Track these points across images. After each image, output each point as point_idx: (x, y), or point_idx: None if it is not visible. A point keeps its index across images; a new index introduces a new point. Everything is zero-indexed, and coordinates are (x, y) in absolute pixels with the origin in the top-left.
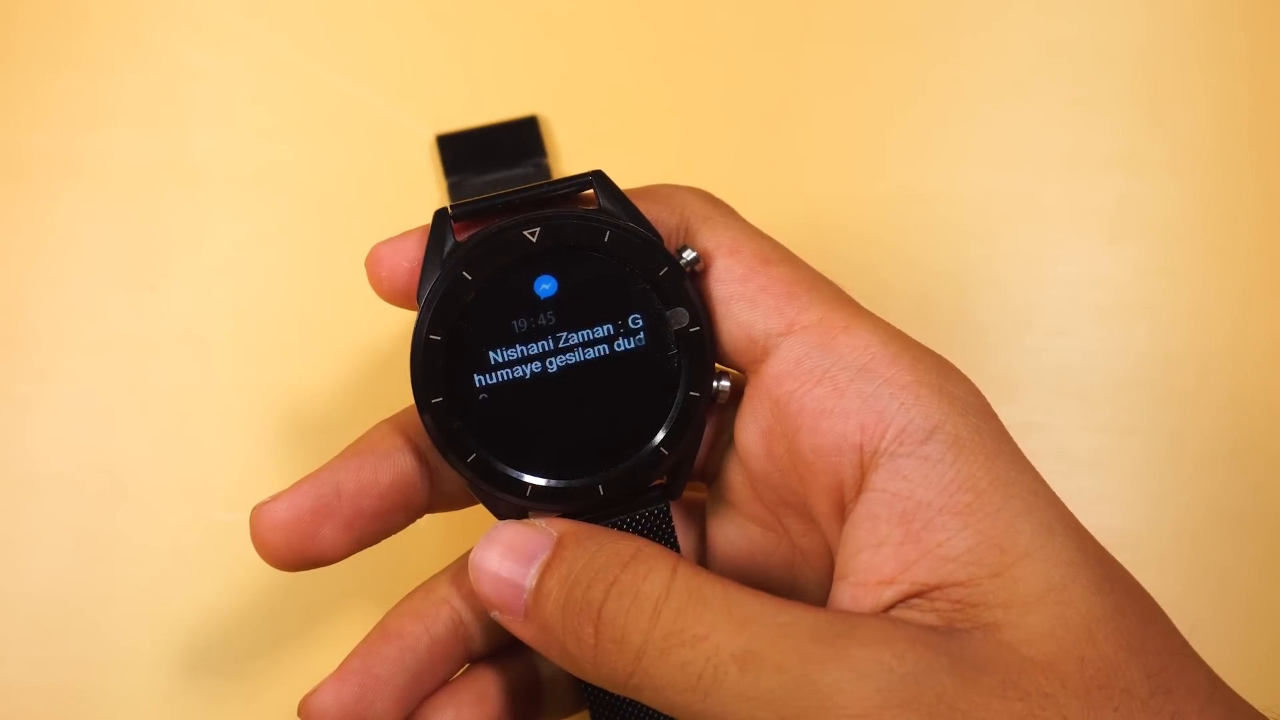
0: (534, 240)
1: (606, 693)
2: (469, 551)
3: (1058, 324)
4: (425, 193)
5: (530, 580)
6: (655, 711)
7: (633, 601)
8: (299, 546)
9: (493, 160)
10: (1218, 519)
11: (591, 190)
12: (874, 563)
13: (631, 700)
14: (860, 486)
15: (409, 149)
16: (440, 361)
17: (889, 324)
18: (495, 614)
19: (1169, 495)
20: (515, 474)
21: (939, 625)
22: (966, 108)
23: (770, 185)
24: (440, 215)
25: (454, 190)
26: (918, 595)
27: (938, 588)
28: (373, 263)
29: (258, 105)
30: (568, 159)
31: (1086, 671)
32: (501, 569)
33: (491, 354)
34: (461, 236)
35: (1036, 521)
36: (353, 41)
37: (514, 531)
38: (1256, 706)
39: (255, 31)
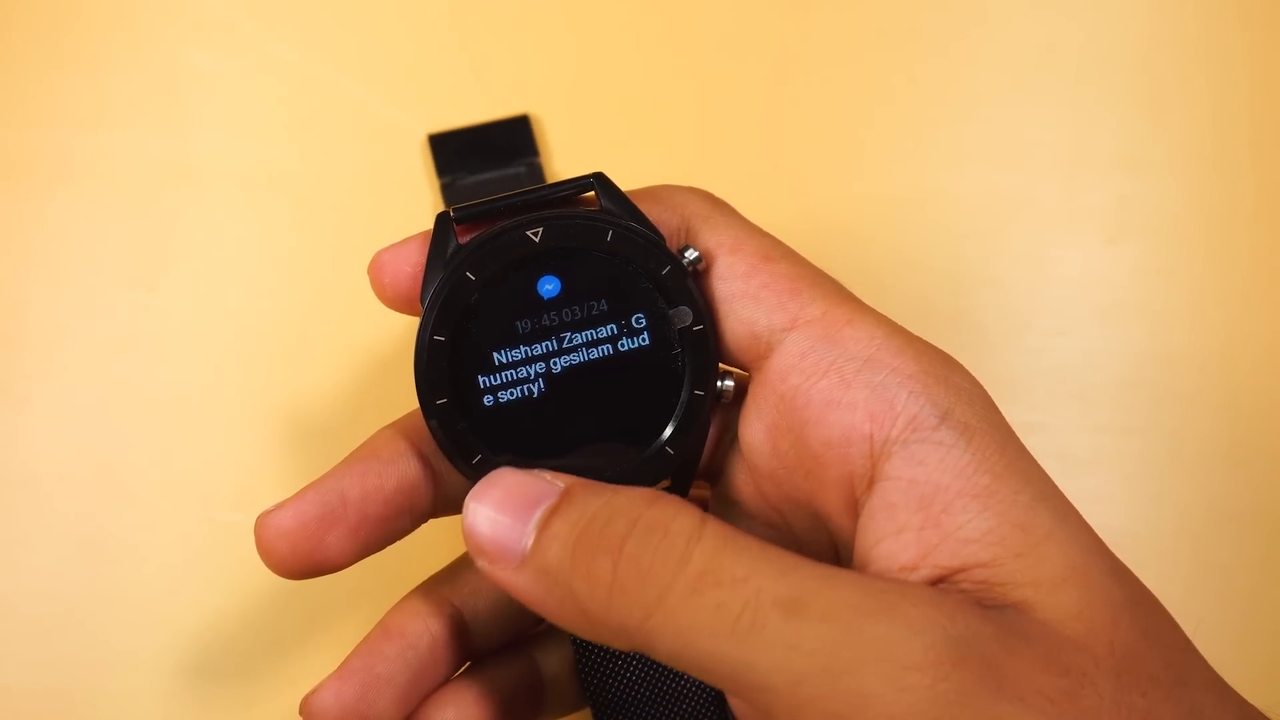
0: (537, 240)
1: (609, 689)
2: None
3: (1058, 324)
4: (426, 192)
5: (532, 524)
6: (660, 704)
7: (663, 536)
8: (305, 554)
9: (485, 160)
10: (1217, 519)
11: (593, 192)
12: (894, 550)
13: (635, 696)
14: (872, 477)
15: (409, 149)
16: (444, 363)
17: (891, 319)
18: (483, 563)
19: (1168, 495)
20: None
21: None
22: (966, 107)
23: (769, 186)
24: (443, 218)
25: (446, 191)
26: (940, 580)
27: (960, 570)
28: (375, 269)
29: (258, 105)
30: (567, 159)
31: (1115, 655)
32: (501, 511)
33: (495, 355)
34: (464, 239)
35: (1053, 507)
36: (352, 41)
37: (516, 478)
38: (1257, 706)
39: (255, 31)
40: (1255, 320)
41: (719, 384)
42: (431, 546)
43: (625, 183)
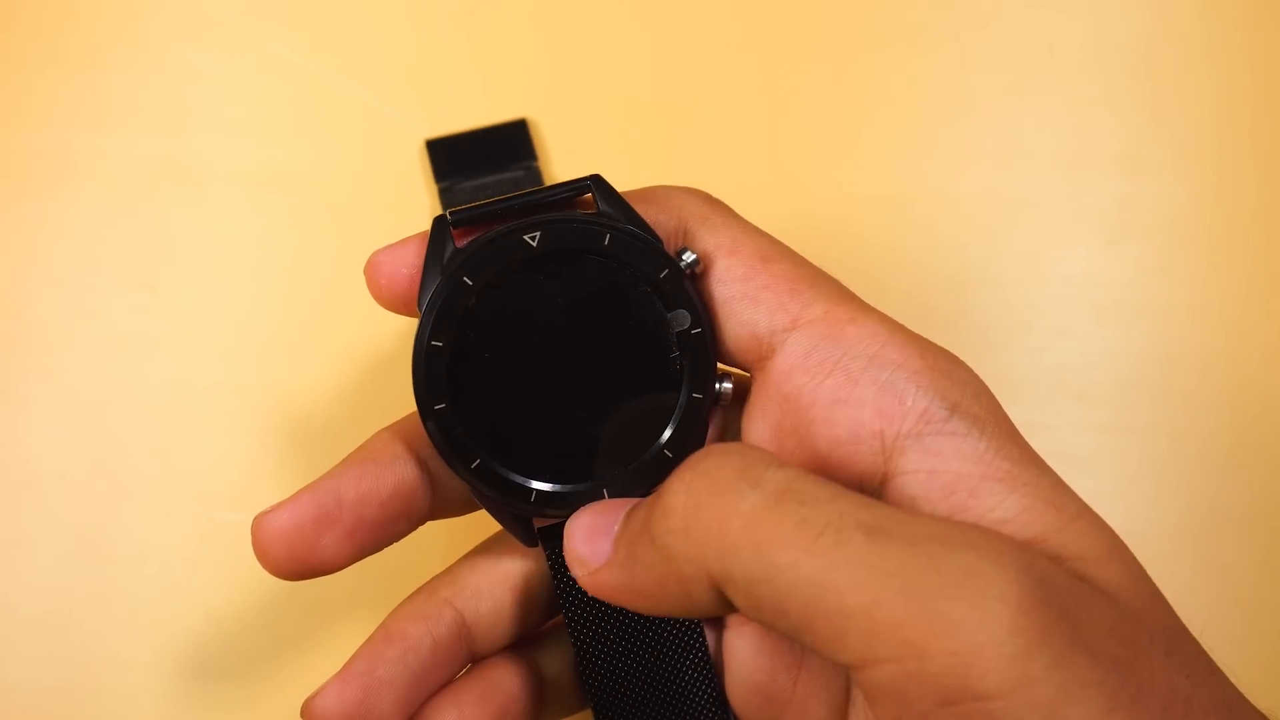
0: (534, 244)
1: (610, 690)
2: (469, 553)
3: (1058, 324)
4: (425, 193)
5: (619, 521)
6: (661, 705)
7: (740, 454)
8: (301, 556)
9: (482, 164)
10: (1217, 519)
11: (590, 194)
12: None
13: (636, 697)
14: (885, 474)
15: (409, 149)
16: (442, 368)
17: (892, 318)
18: (580, 571)
19: (1169, 495)
20: (519, 480)
21: None
22: (966, 106)
23: (769, 186)
24: (440, 222)
25: (444, 195)
26: None
27: None
28: (372, 270)
29: (257, 105)
30: (565, 161)
31: (1164, 634)
32: (596, 518)
33: (494, 359)
34: (461, 242)
35: (1073, 493)
36: (352, 42)
37: (593, 511)
38: (1259, 709)
39: (255, 31)
40: (1257, 320)
41: (718, 386)
42: (432, 548)
43: (624, 186)
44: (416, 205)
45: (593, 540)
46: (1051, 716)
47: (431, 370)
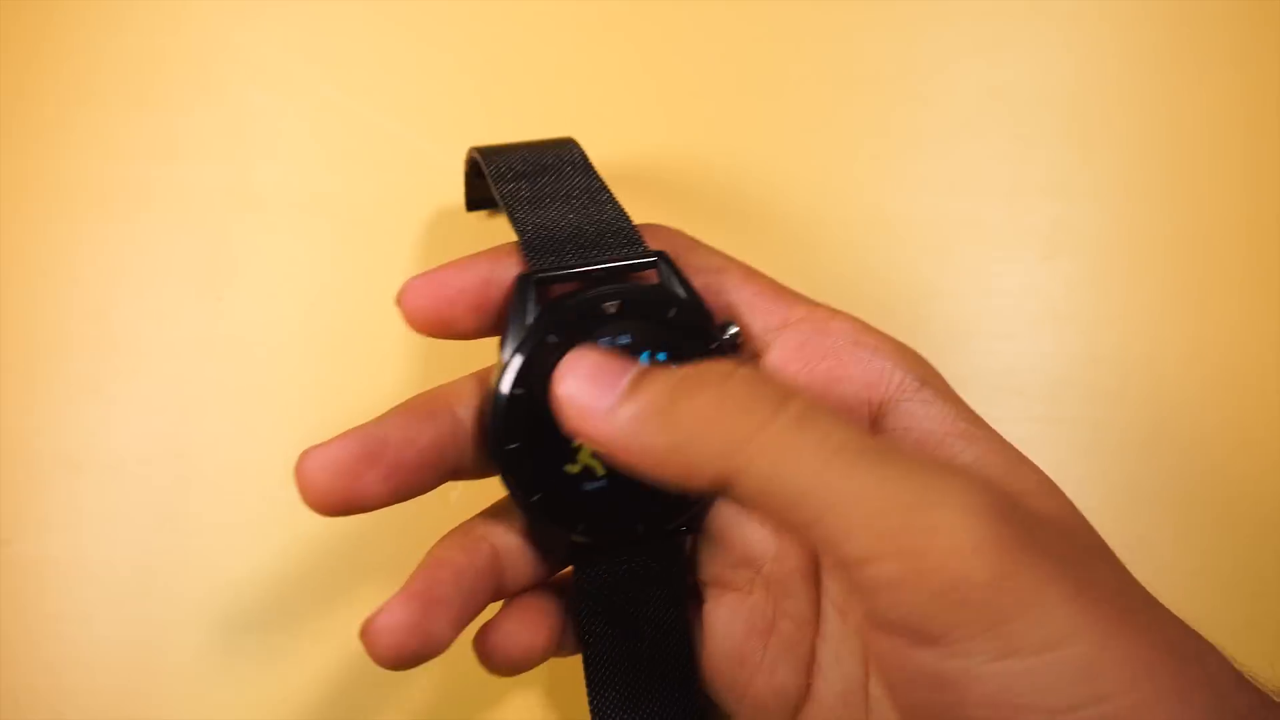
0: (613, 312)
1: (607, 662)
2: (501, 500)
3: (1001, 330)
4: (454, 216)
5: (627, 378)
6: (652, 690)
7: (766, 380)
8: (343, 489)
9: (539, 171)
10: (1135, 498)
11: (653, 270)
12: None
13: (623, 651)
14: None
15: (441, 178)
16: (520, 414)
17: (860, 318)
18: (573, 415)
19: (1094, 478)
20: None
21: None
22: (922, 143)
23: (754, 209)
24: (523, 279)
25: (509, 198)
26: None
27: None
28: (409, 297)
29: (311, 140)
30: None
31: (1097, 546)
32: (600, 363)
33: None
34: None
35: (1013, 446)
36: (393, 85)
37: (599, 353)
38: None
39: (309, 75)
40: (1172, 327)
41: None
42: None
43: (638, 204)
44: (447, 227)
45: (599, 382)
46: (1030, 598)
47: (512, 415)
